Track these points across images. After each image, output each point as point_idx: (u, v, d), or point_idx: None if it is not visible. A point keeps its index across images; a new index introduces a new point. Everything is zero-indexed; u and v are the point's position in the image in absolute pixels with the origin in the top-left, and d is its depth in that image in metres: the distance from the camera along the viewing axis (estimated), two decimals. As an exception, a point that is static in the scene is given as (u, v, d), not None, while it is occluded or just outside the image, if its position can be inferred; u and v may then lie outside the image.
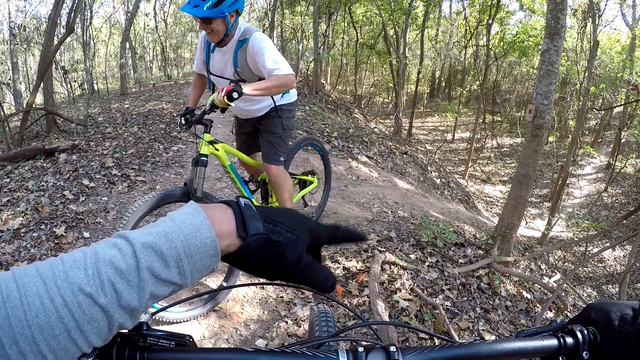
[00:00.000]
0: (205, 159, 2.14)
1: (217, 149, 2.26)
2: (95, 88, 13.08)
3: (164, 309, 0.66)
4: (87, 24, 12.59)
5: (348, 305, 2.50)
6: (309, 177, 3.12)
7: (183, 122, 2.23)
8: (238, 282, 2.28)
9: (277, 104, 2.43)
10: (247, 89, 1.96)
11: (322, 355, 0.42)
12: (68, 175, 3.97)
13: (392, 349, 0.43)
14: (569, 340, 0.47)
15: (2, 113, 5.17)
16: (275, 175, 2.49)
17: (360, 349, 0.43)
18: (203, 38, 2.28)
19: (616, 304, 0.48)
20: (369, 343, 0.46)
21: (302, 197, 3.14)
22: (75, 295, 0.33)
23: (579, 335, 0.47)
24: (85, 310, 0.33)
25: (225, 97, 1.90)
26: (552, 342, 0.47)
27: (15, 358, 0.30)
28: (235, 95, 1.91)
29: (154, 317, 0.61)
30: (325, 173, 3.41)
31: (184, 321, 2.18)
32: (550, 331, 0.49)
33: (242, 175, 2.59)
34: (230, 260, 0.43)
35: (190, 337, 0.46)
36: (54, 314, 0.32)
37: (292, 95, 2.54)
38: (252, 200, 2.48)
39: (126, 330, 0.42)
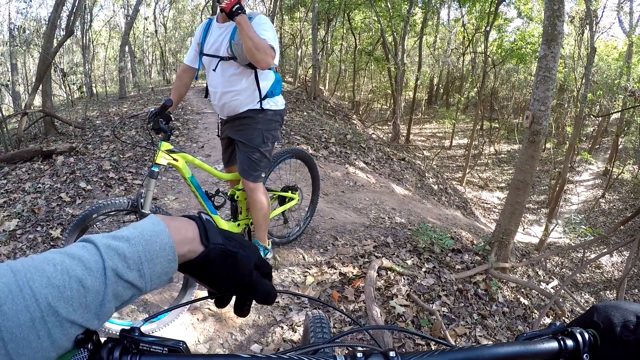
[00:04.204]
0: (156, 170, 1.97)
1: (175, 159, 2.07)
2: (94, 91, 13.09)
3: (156, 315, 0.65)
4: (87, 27, 12.64)
5: (344, 310, 2.48)
6: (289, 194, 2.90)
7: (150, 124, 1.99)
8: (192, 298, 2.10)
9: (261, 106, 2.23)
10: (245, 17, 1.90)
11: None
12: (65, 177, 3.95)
13: (392, 354, 0.42)
14: (569, 342, 0.47)
15: (1, 114, 5.15)
16: (253, 191, 2.31)
17: (359, 355, 0.42)
18: (203, 25, 2.27)
19: (620, 309, 0.47)
20: (367, 348, 0.45)
21: (283, 214, 2.94)
22: (43, 287, 0.35)
23: (579, 338, 0.47)
24: (51, 302, 0.35)
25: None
26: (553, 344, 0.47)
27: None
28: (237, 7, 1.85)
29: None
30: (312, 187, 3.18)
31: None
32: (550, 334, 0.49)
33: (205, 189, 2.38)
34: (188, 268, 0.48)
35: (184, 342, 0.45)
36: (21, 302, 0.33)
37: (279, 102, 2.33)
38: (217, 216, 2.39)
39: (118, 335, 0.42)
